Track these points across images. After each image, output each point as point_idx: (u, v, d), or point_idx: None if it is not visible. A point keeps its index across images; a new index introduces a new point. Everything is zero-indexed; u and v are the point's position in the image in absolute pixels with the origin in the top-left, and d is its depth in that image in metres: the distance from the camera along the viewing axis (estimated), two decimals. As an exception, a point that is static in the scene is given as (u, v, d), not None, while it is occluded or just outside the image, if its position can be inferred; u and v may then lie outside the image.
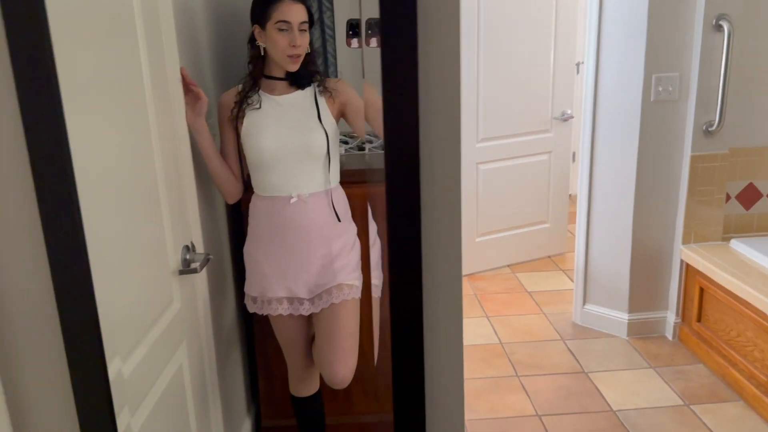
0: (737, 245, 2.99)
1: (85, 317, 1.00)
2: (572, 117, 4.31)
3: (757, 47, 2.94)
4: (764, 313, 2.51)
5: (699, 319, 3.05)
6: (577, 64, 4.46)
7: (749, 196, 3.13)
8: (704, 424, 2.56)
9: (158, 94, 1.42)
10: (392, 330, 1.01)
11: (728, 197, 3.10)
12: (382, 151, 2.06)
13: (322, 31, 2.39)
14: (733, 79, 2.87)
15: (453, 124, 0.98)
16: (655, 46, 2.93)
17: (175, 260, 1.48)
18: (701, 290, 3.01)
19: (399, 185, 0.97)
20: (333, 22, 2.36)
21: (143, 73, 1.34)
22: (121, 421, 1.10)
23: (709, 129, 2.95)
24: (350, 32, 1.46)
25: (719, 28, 2.83)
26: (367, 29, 1.45)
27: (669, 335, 3.27)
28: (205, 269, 1.59)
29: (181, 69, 1.54)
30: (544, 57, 4.14)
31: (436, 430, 1.11)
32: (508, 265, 4.29)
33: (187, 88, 1.59)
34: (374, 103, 1.80)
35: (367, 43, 1.47)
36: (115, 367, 1.09)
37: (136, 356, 1.26)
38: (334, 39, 2.39)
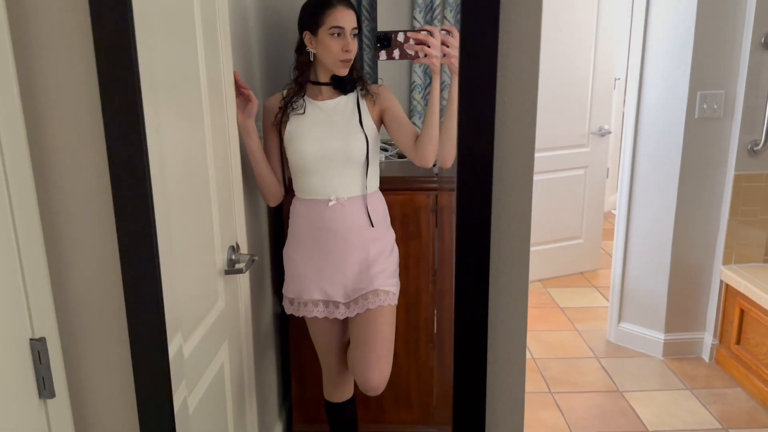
0: (780, 268, 2.95)
1: (150, 306, 1.04)
2: (610, 132, 4.30)
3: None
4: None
5: (738, 342, 3.00)
6: (615, 80, 4.44)
7: (793, 217, 3.09)
8: (742, 449, 2.53)
9: (213, 96, 1.46)
10: (456, 340, 1.02)
11: (773, 218, 3.06)
12: (398, 159, 2.08)
13: (360, 40, 2.43)
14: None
15: (528, 138, 0.99)
16: (701, 63, 2.91)
17: (221, 260, 1.50)
18: (741, 312, 2.96)
19: (471, 196, 0.96)
20: (371, 32, 2.41)
21: (201, 76, 1.38)
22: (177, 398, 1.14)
23: (755, 148, 2.92)
24: (378, 45, 1.50)
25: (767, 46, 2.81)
26: (376, 42, 1.49)
27: (706, 357, 3.22)
28: (248, 270, 1.61)
29: (234, 72, 1.58)
30: (583, 72, 4.14)
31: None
32: (540, 280, 4.27)
33: (239, 90, 1.64)
34: (396, 116, 1.84)
35: (377, 57, 1.52)
36: (174, 349, 1.11)
37: (188, 347, 1.29)
38: (371, 48, 2.43)
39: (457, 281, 1.00)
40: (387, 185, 1.92)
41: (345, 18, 1.70)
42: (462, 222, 0.98)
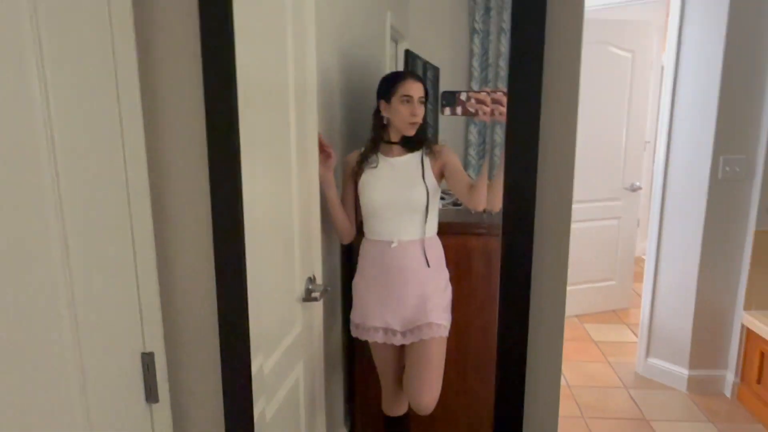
0: (800, 316, 2.76)
1: (238, 324, 1.06)
2: (641, 188, 4.19)
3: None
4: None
5: (759, 381, 2.81)
6: (645, 143, 4.36)
7: (813, 270, 2.90)
8: (763, 483, 2.34)
9: (300, 153, 1.50)
10: (498, 368, 1.00)
11: (792, 270, 2.88)
12: (453, 207, 2.04)
13: (426, 107, 2.47)
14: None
15: (565, 190, 0.98)
16: (724, 130, 2.81)
17: (300, 289, 1.51)
18: (762, 354, 2.78)
19: (515, 243, 0.96)
20: (435, 98, 2.43)
21: (291, 136, 1.42)
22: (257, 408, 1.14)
23: (775, 207, 2.78)
24: (443, 102, 1.48)
25: (788, 116, 2.69)
26: (442, 100, 1.48)
27: (728, 393, 3.03)
28: (322, 299, 1.62)
29: (319, 133, 1.62)
30: (617, 134, 4.07)
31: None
32: (576, 315, 4.14)
33: (322, 148, 1.67)
34: (455, 168, 1.83)
35: (442, 112, 1.50)
36: (256, 367, 1.13)
37: (268, 364, 1.30)
38: (434, 111, 2.45)
39: (500, 316, 0.98)
40: (443, 230, 1.90)
41: (413, 88, 1.73)
42: (506, 263, 0.97)
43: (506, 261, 0.96)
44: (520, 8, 0.89)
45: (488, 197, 1.73)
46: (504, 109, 1.50)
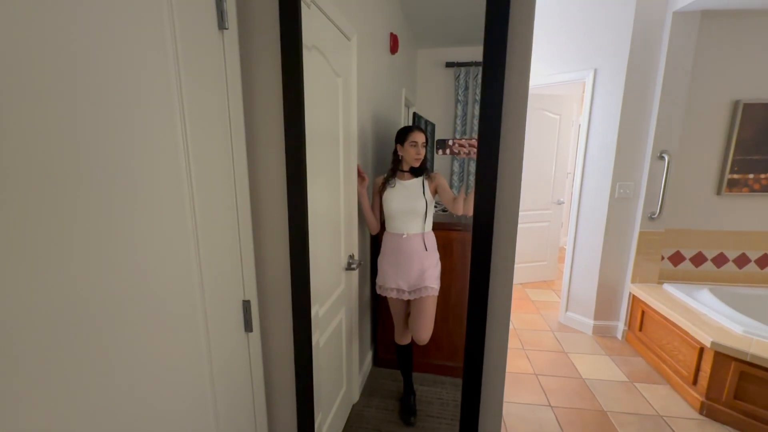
0: (667, 287, 2.66)
1: (303, 285, 1.04)
2: (564, 202, 4.08)
3: (684, 170, 2.66)
4: (686, 331, 2.20)
5: (640, 329, 2.72)
6: (567, 173, 4.25)
7: (677, 258, 2.79)
8: (642, 396, 2.25)
9: (345, 178, 1.49)
10: (468, 316, 0.97)
11: (663, 257, 2.78)
12: (442, 212, 1.98)
13: (426, 149, 2.46)
14: (669, 187, 2.61)
15: (514, 203, 0.95)
16: (619, 165, 2.72)
17: (344, 261, 1.51)
18: (642, 312, 2.69)
19: (481, 235, 0.93)
20: (432, 143, 2.42)
21: (340, 164, 1.41)
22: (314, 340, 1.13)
23: (652, 216, 2.68)
24: (438, 146, 1.47)
25: (662, 158, 2.59)
26: (437, 146, 1.46)
27: (619, 336, 2.93)
28: (358, 269, 1.61)
29: (357, 164, 1.61)
30: (549, 167, 3.96)
31: (488, 377, 1.04)
32: (520, 283, 4.05)
33: (359, 173, 1.66)
34: (444, 187, 1.81)
35: (437, 153, 1.48)
36: (314, 311, 1.13)
37: (322, 310, 1.29)
38: (431, 151, 2.44)
39: (471, 281, 0.95)
40: (436, 227, 1.87)
41: (418, 136, 1.70)
42: (475, 249, 0.94)
43: (476, 248, 0.93)
44: (488, 89, 0.87)
45: (464, 206, 1.70)
46: (475, 150, 1.48)
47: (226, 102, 0.90)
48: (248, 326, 1.03)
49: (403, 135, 1.75)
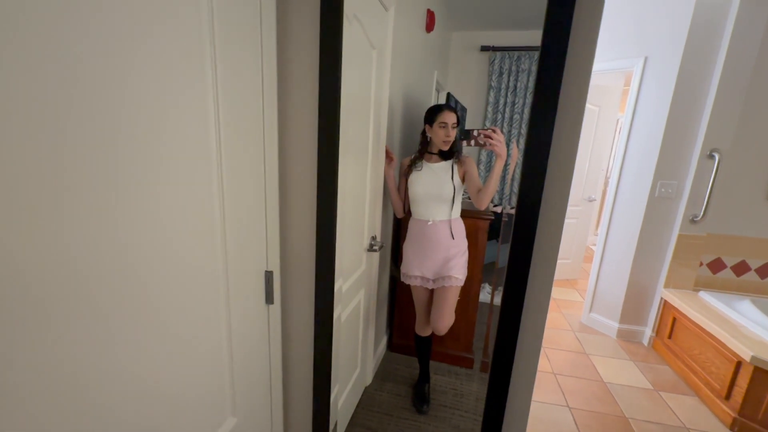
0: (704, 295, 2.53)
1: (328, 258, 1.02)
2: (595, 200, 3.94)
3: (733, 171, 2.49)
4: (722, 342, 2.08)
5: (669, 337, 2.61)
6: (601, 169, 4.09)
7: (717, 265, 2.64)
8: (668, 405, 2.16)
9: (373, 156, 1.45)
10: (501, 314, 0.92)
11: (701, 264, 2.63)
12: (468, 200, 1.91)
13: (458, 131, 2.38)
14: (715, 189, 2.46)
15: (564, 195, 0.90)
16: (663, 162, 2.58)
17: (366, 242, 1.49)
18: (674, 318, 2.58)
19: (524, 227, 0.88)
20: (463, 126, 2.34)
21: (369, 141, 1.37)
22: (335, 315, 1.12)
23: (695, 219, 2.53)
24: (462, 136, 1.42)
25: (711, 157, 2.43)
26: (460, 135, 1.41)
27: (645, 342, 2.83)
28: (379, 251, 1.58)
29: (386, 146, 1.57)
30: (582, 162, 3.82)
31: (517, 378, 1.00)
32: (542, 281, 3.97)
33: (387, 154, 1.62)
34: (472, 175, 1.74)
35: (468, 144, 1.43)
36: (337, 286, 1.11)
37: (344, 288, 1.28)
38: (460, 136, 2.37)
39: (508, 273, 0.90)
40: (464, 215, 1.82)
41: (448, 117, 1.63)
42: (516, 239, 0.89)
43: (516, 241, 0.88)
44: (544, 75, 0.81)
45: (479, 197, 1.63)
46: (495, 142, 1.41)
47: (260, 63, 0.87)
48: (269, 298, 1.02)
49: (432, 115, 1.68)
